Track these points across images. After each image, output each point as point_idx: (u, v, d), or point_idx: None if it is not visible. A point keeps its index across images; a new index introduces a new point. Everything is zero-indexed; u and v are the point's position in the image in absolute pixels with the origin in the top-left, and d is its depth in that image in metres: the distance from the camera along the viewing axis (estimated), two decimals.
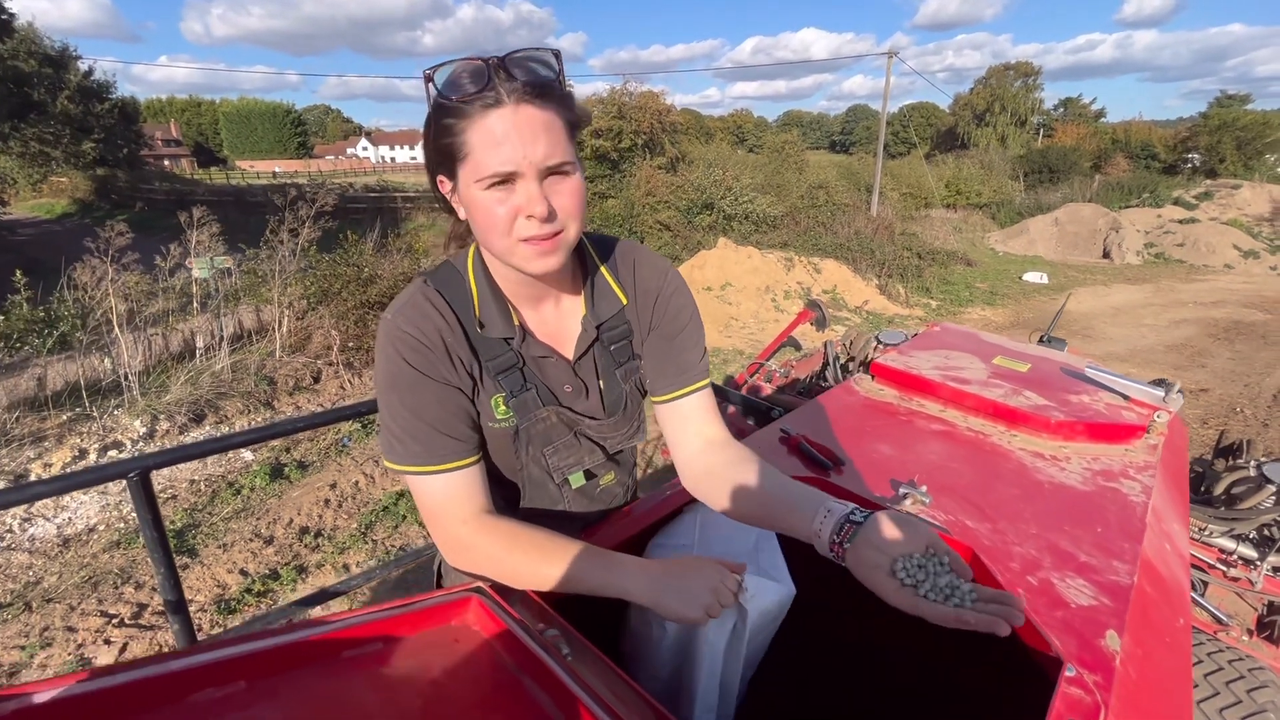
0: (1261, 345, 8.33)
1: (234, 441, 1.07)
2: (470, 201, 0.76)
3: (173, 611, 1.06)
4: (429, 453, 0.82)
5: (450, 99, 0.72)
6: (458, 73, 0.72)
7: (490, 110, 0.71)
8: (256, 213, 11.41)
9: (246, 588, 3.33)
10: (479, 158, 0.72)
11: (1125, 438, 1.19)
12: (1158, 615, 0.81)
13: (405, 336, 0.82)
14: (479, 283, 0.87)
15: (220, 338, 6.13)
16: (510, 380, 0.88)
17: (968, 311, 10.38)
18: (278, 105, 67.19)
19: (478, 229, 0.79)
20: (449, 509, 0.84)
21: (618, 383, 0.96)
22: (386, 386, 0.83)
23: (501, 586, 0.78)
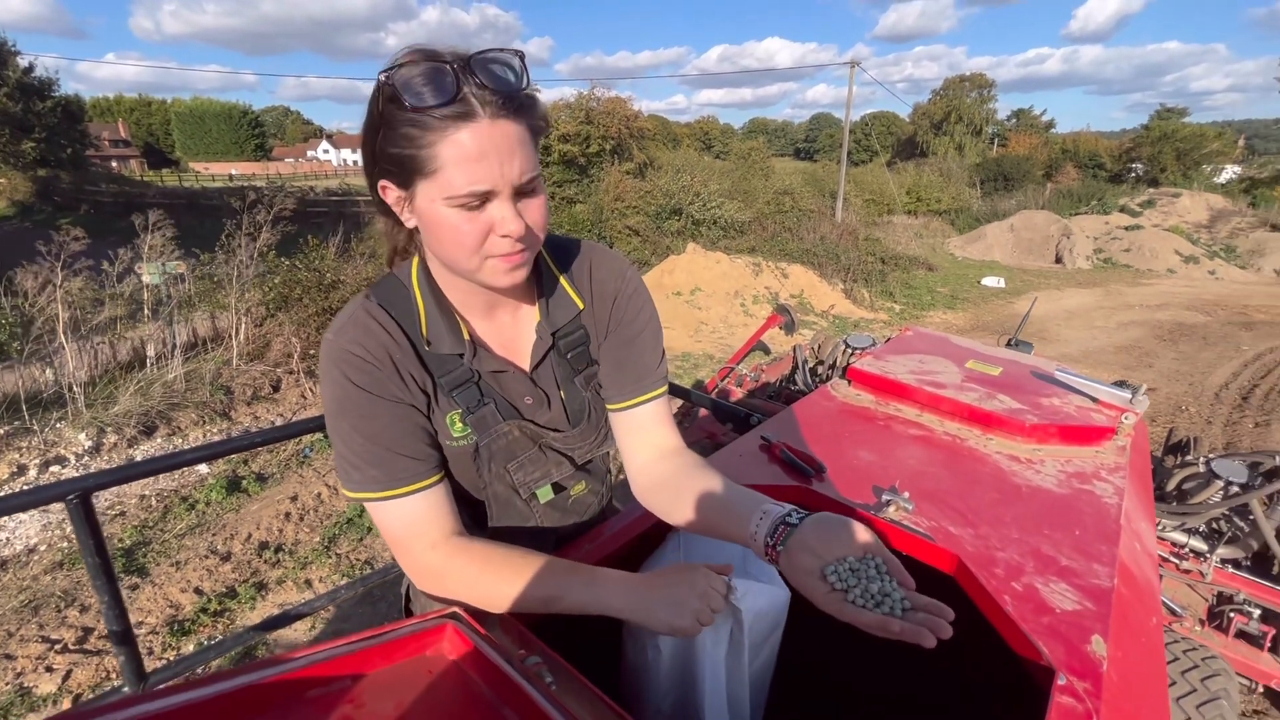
0: (1203, 346, 8.73)
1: (184, 459, 1.00)
2: (431, 217, 0.71)
3: (118, 643, 0.99)
4: (389, 477, 0.77)
5: (414, 107, 0.65)
6: (421, 77, 0.65)
7: (463, 124, 0.66)
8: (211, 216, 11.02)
9: (202, 607, 3.18)
10: (451, 176, 0.67)
11: (1096, 440, 1.21)
12: (1135, 616, 0.83)
13: (350, 357, 0.77)
14: (424, 297, 0.83)
15: (173, 346, 5.88)
16: (466, 396, 0.84)
17: (930, 315, 10.63)
18: (233, 106, 65.11)
19: (438, 245, 0.74)
20: (416, 534, 0.79)
21: (578, 391, 0.92)
22: (336, 413, 0.77)
23: (478, 611, 0.74)
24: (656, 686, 0.81)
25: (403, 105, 0.65)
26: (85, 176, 24.32)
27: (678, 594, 0.73)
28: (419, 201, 0.71)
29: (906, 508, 0.92)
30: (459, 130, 0.66)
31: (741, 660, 0.78)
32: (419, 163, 0.68)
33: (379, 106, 0.68)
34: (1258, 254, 16.03)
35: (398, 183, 0.72)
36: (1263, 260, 15.74)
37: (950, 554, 0.81)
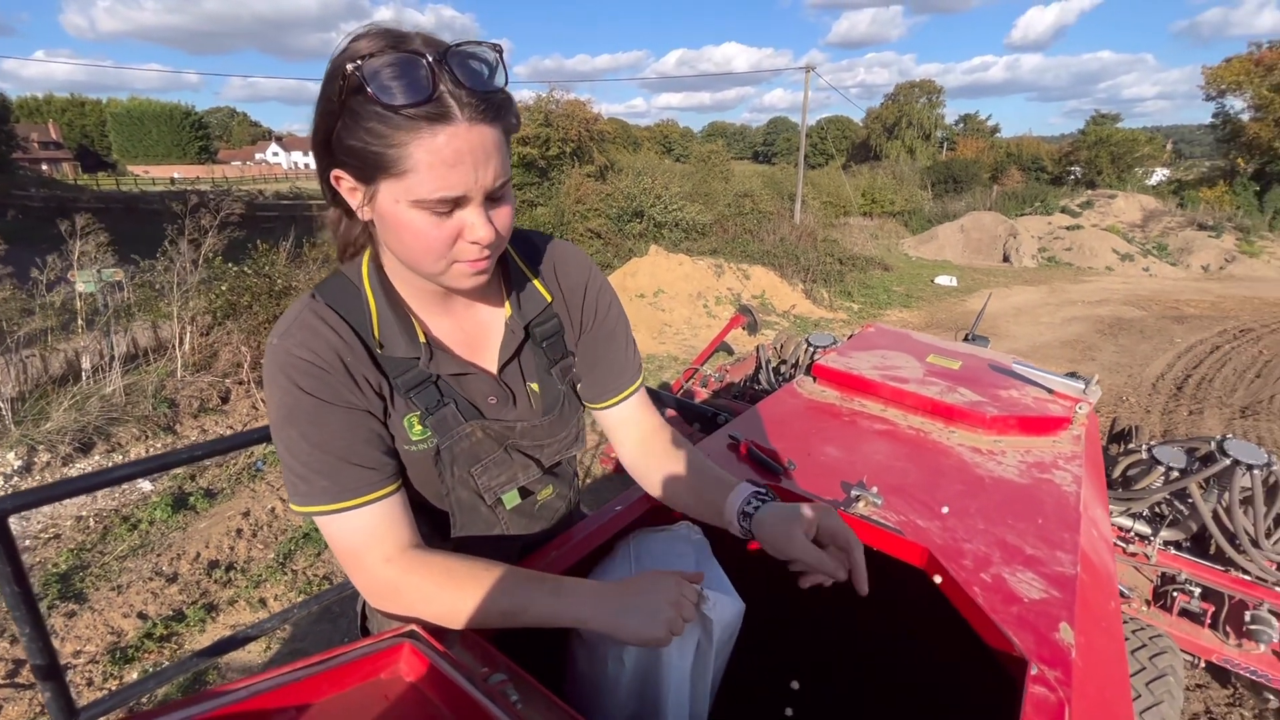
0: (1140, 339, 9.19)
1: (115, 475, 0.93)
2: (395, 218, 0.66)
3: (43, 677, 0.91)
4: (339, 488, 0.72)
5: (385, 104, 0.60)
6: (392, 70, 0.60)
7: (439, 127, 0.61)
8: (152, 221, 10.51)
9: (146, 632, 3.00)
10: (422, 179, 0.63)
11: (1053, 430, 1.24)
12: (1096, 601, 0.84)
13: (297, 361, 0.71)
14: (376, 296, 0.78)
15: (111, 357, 5.57)
16: (424, 397, 0.79)
17: (886, 313, 10.90)
18: (175, 106, 62.42)
19: (399, 245, 0.70)
20: (369, 548, 0.73)
21: (554, 382, 0.90)
22: (283, 421, 0.72)
23: (437, 629, 0.70)
24: (615, 699, 0.78)
25: (370, 98, 0.60)
26: (12, 180, 22.96)
27: (650, 602, 0.71)
28: (381, 200, 0.66)
29: (875, 502, 0.92)
30: (433, 133, 0.61)
31: (706, 670, 0.77)
32: (386, 161, 0.63)
33: (339, 94, 0.62)
34: (1186, 251, 16.98)
35: (357, 176, 0.67)
36: (1191, 257, 16.68)
37: (920, 548, 0.81)
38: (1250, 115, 28.29)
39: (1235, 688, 2.74)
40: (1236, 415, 6.04)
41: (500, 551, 0.87)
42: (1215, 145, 33.49)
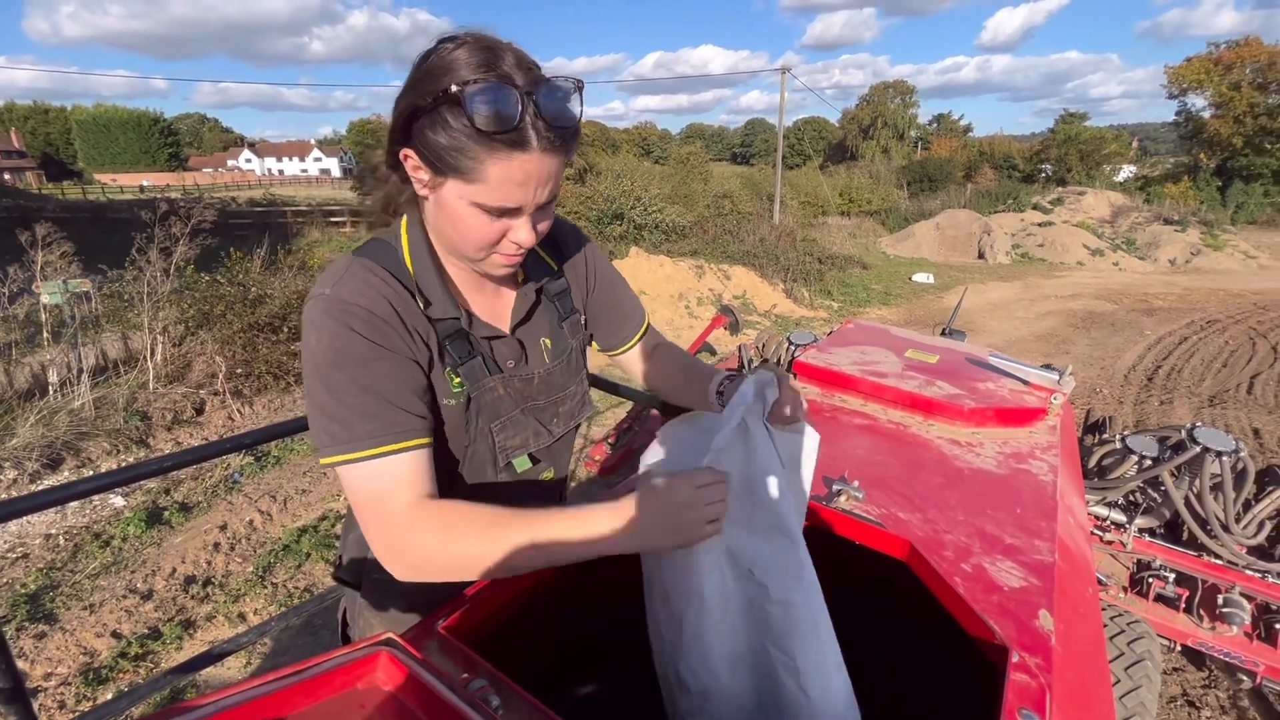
0: (1112, 332, 9.39)
1: (79, 490, 0.89)
2: (454, 209, 0.75)
3: (6, 701, 0.88)
4: (385, 430, 0.73)
5: (476, 127, 0.67)
6: (488, 99, 0.67)
7: (515, 152, 0.69)
8: (120, 230, 10.26)
9: (121, 652, 2.92)
10: (490, 189, 0.71)
11: (1029, 420, 1.26)
12: (1074, 588, 0.85)
13: (353, 308, 0.75)
14: (418, 262, 0.83)
15: (79, 370, 5.42)
16: (458, 348, 0.85)
17: (866, 311, 11.02)
18: (143, 113, 61.07)
19: (451, 231, 0.78)
20: (397, 493, 0.73)
21: (564, 335, 0.98)
22: (331, 365, 0.73)
23: (416, 635, 0.69)
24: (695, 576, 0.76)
25: (463, 114, 0.67)
26: None
27: (673, 508, 0.72)
28: (446, 192, 0.74)
29: (857, 496, 0.93)
30: (509, 156, 0.69)
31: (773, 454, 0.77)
32: (462, 167, 0.70)
33: (434, 98, 0.68)
34: (1154, 246, 17.42)
35: (429, 165, 0.73)
36: (1158, 252, 17.10)
37: (901, 540, 0.82)
38: (1211, 113, 29.17)
39: (1210, 670, 2.80)
40: (1205, 404, 6.19)
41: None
42: (1179, 142, 34.47)
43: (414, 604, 0.99)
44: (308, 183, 64.67)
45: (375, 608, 1.00)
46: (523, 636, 0.67)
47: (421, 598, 0.99)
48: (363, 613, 1.01)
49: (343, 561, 1.05)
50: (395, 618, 0.99)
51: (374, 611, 1.00)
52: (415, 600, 0.99)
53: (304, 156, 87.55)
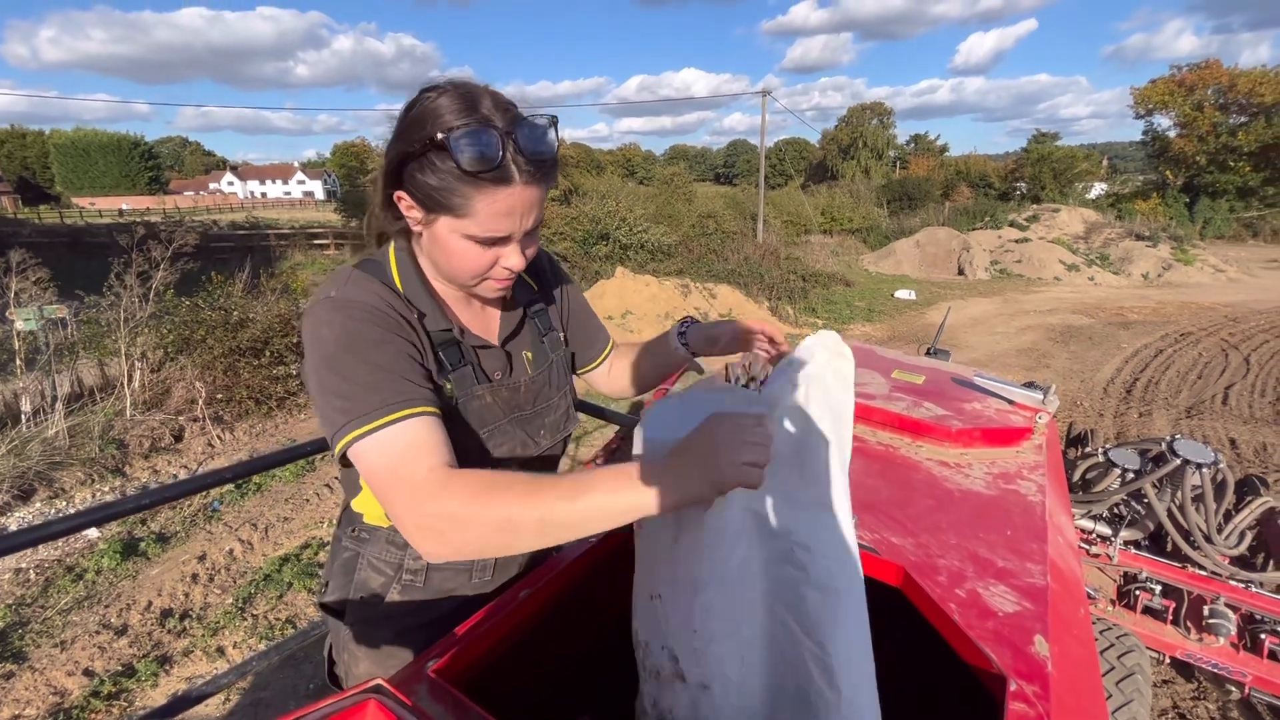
0: (1090, 345, 9.56)
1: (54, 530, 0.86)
2: (446, 242, 0.81)
3: None
4: (400, 398, 0.75)
5: (462, 169, 0.74)
6: (472, 142, 0.73)
7: (499, 188, 0.76)
8: (98, 255, 10.12)
9: (93, 690, 2.82)
10: (478, 222, 0.78)
11: (1016, 440, 1.27)
12: (1067, 609, 0.86)
13: (361, 304, 0.80)
14: (407, 282, 0.89)
15: (53, 398, 5.30)
16: (450, 355, 0.89)
17: (850, 328, 11.13)
18: (123, 137, 60.56)
19: (445, 262, 0.84)
20: (418, 458, 0.72)
21: (545, 350, 1.04)
22: (342, 350, 0.77)
23: (405, 680, 0.67)
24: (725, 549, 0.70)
25: (449, 159, 0.74)
26: None
27: (710, 448, 0.65)
28: (439, 228, 0.81)
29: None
30: (495, 191, 0.76)
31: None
32: (451, 205, 0.77)
33: (421, 144, 0.75)
34: (1127, 261, 17.83)
35: (420, 205, 0.80)
36: (1131, 266, 17.51)
37: (895, 566, 0.82)
38: (1176, 132, 30.14)
39: (1199, 681, 2.81)
40: (1182, 415, 6.30)
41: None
42: (1147, 160, 35.51)
43: (401, 636, 0.97)
44: (291, 205, 64.36)
45: (361, 642, 0.97)
46: (516, 676, 0.65)
47: (408, 630, 0.97)
48: (348, 645, 0.99)
49: (327, 589, 1.03)
50: (383, 653, 0.96)
51: (360, 646, 0.97)
52: (402, 632, 0.97)
53: (287, 179, 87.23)
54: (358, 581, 0.98)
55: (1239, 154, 27.70)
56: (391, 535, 0.95)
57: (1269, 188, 27.83)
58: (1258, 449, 5.39)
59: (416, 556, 0.95)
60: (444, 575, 0.98)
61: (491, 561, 1.00)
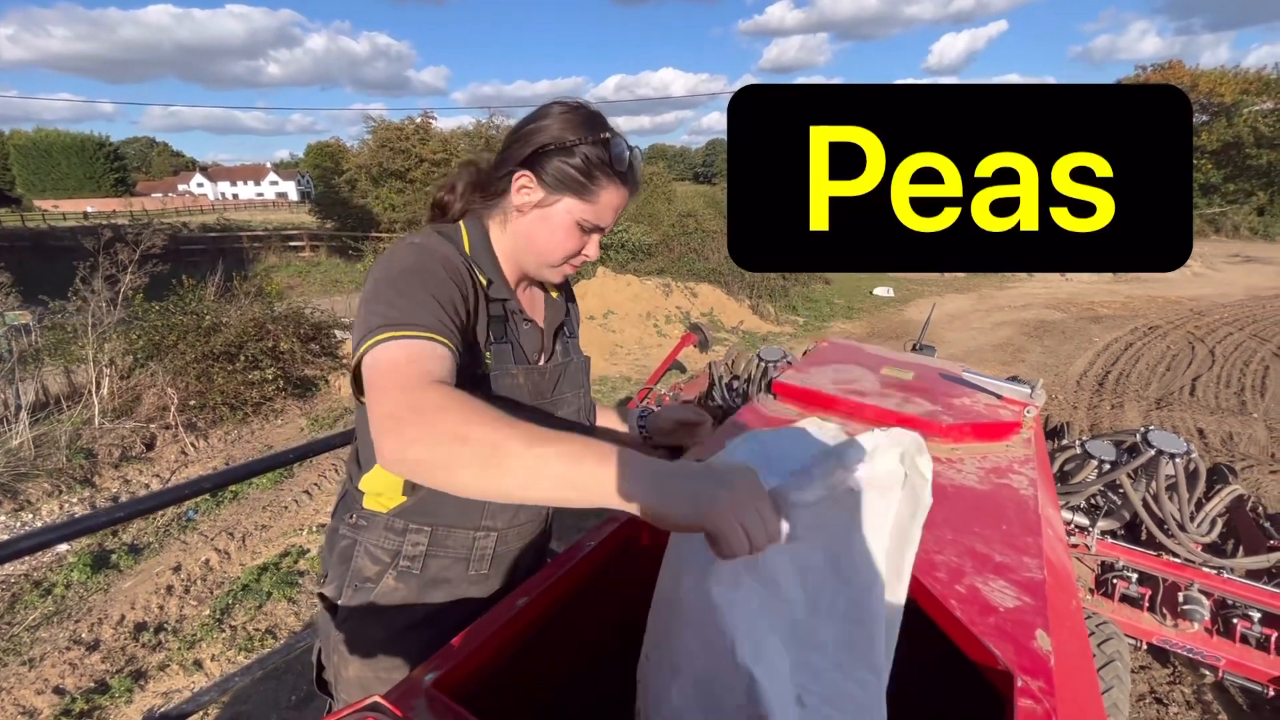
0: (1063, 340, 9.77)
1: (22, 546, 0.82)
2: (555, 221, 0.96)
3: None
4: (438, 325, 0.81)
5: (614, 169, 0.94)
6: (623, 148, 0.94)
7: (622, 187, 0.97)
8: (63, 259, 9.82)
9: (64, 709, 2.72)
10: (598, 210, 0.96)
11: (1005, 435, 1.28)
12: (1062, 602, 0.86)
13: (437, 252, 0.89)
14: (476, 251, 0.97)
15: (16, 407, 5.12)
16: (496, 328, 0.97)
17: (830, 326, 11.24)
18: (87, 137, 58.84)
19: (544, 239, 0.97)
20: (426, 363, 0.76)
21: (570, 349, 1.14)
22: (408, 271, 0.84)
23: (402, 695, 0.64)
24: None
25: (604, 153, 0.93)
26: None
27: (710, 483, 0.60)
28: (557, 208, 0.95)
29: None
30: (618, 190, 0.97)
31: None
32: (586, 191, 0.94)
33: (575, 141, 0.91)
34: None
35: (546, 185, 0.94)
36: None
37: None
38: None
39: (1174, 666, 2.88)
40: (1153, 407, 6.47)
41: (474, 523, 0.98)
42: None
43: (393, 637, 0.95)
44: (264, 207, 63.09)
45: (351, 643, 0.95)
46: (515, 687, 0.63)
47: (401, 630, 0.95)
48: (338, 648, 0.96)
49: (326, 578, 1.02)
50: (374, 657, 0.94)
51: (350, 648, 0.95)
52: (394, 633, 0.95)
53: (259, 180, 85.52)
54: (354, 569, 0.97)
55: (1201, 153, 28.54)
56: (390, 521, 0.97)
57: (1230, 185, 28.75)
58: (1224, 438, 5.56)
59: (415, 543, 0.96)
60: (441, 563, 0.98)
61: (489, 553, 1.00)
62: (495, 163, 1.00)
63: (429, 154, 17.02)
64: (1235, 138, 27.61)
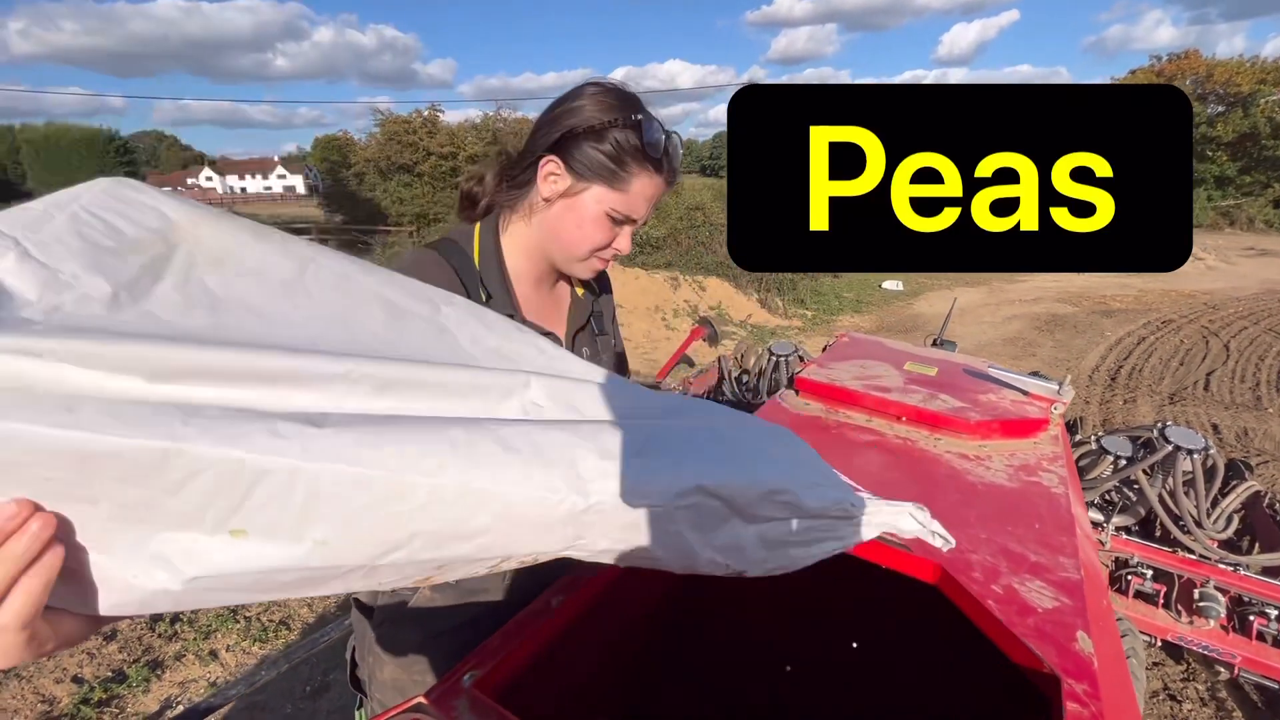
0: (1075, 334, 9.70)
1: None
2: (586, 209, 0.90)
3: None
4: None
5: (646, 154, 0.88)
6: (657, 134, 0.89)
7: (656, 176, 0.91)
8: None
9: (83, 698, 2.76)
10: (628, 199, 0.90)
11: (1033, 432, 1.27)
12: (1097, 603, 0.85)
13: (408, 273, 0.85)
14: (486, 260, 0.94)
15: None
16: None
17: (839, 320, 11.19)
18: (97, 131, 59.20)
19: (572, 230, 0.91)
20: None
21: (599, 351, 1.09)
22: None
23: (443, 696, 0.63)
24: None
25: (635, 137, 0.87)
26: None
27: None
28: (586, 196, 0.90)
29: None
30: (651, 177, 0.91)
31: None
32: (616, 178, 0.89)
33: (604, 124, 0.86)
34: None
35: (575, 172, 0.89)
36: None
37: (932, 563, 0.80)
38: None
39: (1188, 663, 2.87)
40: (1166, 402, 6.42)
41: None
42: None
43: (429, 640, 0.94)
44: (272, 200, 63.37)
45: (387, 645, 0.94)
46: (553, 686, 0.63)
47: (436, 634, 0.95)
48: (373, 649, 0.96)
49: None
50: (409, 658, 0.94)
51: (386, 649, 0.94)
52: (430, 636, 0.94)
53: (267, 174, 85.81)
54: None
55: (1217, 144, 28.17)
56: None
57: (1245, 177, 28.36)
58: (1239, 434, 5.51)
59: None
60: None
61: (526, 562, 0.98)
62: (523, 149, 0.95)
63: (436, 147, 17.00)
64: (1251, 128, 27.20)
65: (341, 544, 0.42)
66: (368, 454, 0.41)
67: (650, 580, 0.94)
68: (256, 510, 0.39)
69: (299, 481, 0.39)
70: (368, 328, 0.52)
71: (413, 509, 0.42)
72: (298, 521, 0.40)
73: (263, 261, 0.50)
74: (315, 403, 0.44)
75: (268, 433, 0.39)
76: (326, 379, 0.44)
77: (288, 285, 0.50)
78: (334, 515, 0.41)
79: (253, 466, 0.38)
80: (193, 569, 0.39)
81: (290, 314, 0.49)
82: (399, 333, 0.53)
